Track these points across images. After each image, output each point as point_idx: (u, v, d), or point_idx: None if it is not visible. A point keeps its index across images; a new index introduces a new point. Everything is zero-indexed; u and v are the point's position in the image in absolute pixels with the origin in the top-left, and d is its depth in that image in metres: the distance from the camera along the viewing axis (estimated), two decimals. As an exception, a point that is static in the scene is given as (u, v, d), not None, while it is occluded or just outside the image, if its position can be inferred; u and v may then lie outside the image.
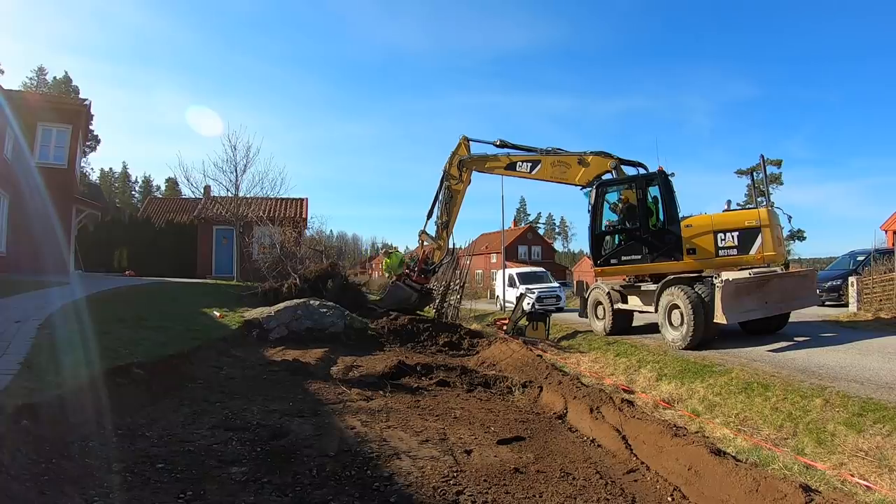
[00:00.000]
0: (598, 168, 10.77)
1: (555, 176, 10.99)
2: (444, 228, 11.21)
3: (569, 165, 10.86)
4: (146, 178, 74.34)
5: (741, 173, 47.62)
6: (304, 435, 4.12)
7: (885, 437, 4.56)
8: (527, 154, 11.26)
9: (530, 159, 11.10)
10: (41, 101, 19.08)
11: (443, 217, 11.20)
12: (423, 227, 11.36)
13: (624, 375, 8.64)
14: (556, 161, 10.95)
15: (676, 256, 9.77)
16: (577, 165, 10.77)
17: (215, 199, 21.43)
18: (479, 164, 11.60)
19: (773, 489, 3.01)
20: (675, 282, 9.41)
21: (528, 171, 11.12)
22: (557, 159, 10.93)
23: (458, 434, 4.45)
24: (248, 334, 9.34)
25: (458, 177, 11.37)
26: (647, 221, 10.07)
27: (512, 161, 11.35)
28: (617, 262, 10.44)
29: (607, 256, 10.56)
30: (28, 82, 48.15)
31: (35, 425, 3.23)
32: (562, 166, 10.90)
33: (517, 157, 11.33)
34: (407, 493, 3.16)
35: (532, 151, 11.24)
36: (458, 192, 11.50)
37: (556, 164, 10.93)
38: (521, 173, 11.22)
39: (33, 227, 15.23)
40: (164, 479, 3.08)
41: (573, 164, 10.81)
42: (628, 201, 10.29)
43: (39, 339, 5.66)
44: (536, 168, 11.06)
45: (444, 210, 11.24)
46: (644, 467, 3.83)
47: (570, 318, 16.85)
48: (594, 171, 10.79)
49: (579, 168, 10.79)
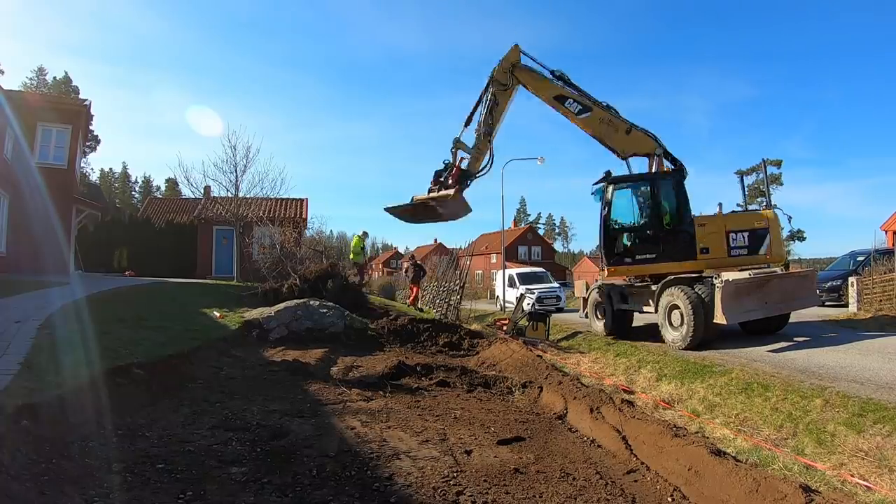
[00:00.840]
0: (638, 145, 10.27)
1: (599, 131, 10.29)
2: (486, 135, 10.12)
3: (616, 129, 10.21)
4: (146, 178, 74.44)
5: (741, 173, 47.62)
6: (304, 435, 4.12)
7: (885, 437, 4.56)
8: (580, 97, 10.39)
9: (582, 103, 10.24)
10: (41, 102, 19.09)
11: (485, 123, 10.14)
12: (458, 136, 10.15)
13: (624, 376, 8.65)
14: (606, 118, 10.22)
15: (690, 256, 9.67)
16: (624, 133, 10.18)
17: (215, 199, 21.42)
18: (529, 77, 10.53)
19: (773, 489, 3.01)
20: (676, 282, 9.40)
21: (575, 113, 10.26)
22: (609, 117, 10.22)
23: (458, 434, 4.45)
24: (248, 334, 9.34)
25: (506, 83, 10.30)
26: (661, 220, 9.85)
27: (563, 95, 10.36)
28: (631, 262, 10.13)
29: (621, 255, 10.21)
30: (28, 82, 48.18)
31: (35, 425, 3.23)
32: (610, 126, 10.21)
33: (570, 93, 10.40)
34: (407, 494, 3.16)
35: (586, 96, 10.42)
36: (505, 100, 10.44)
37: (604, 121, 10.22)
38: (567, 111, 10.35)
39: (33, 228, 15.23)
40: (164, 479, 3.08)
41: (621, 130, 10.19)
42: (644, 198, 10.09)
43: (39, 339, 5.66)
44: (585, 115, 10.22)
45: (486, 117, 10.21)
46: (644, 467, 3.83)
47: (570, 318, 16.85)
48: (635, 146, 10.26)
49: (625, 137, 10.19)
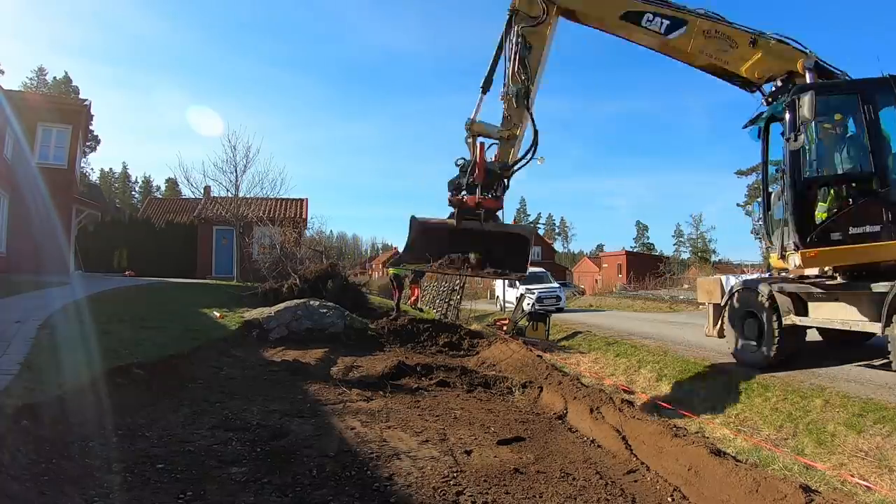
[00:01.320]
0: (777, 62, 6.77)
1: (708, 52, 6.83)
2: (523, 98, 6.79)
3: (734, 43, 6.78)
4: (146, 178, 74.37)
5: (741, 174, 47.60)
6: (304, 435, 4.12)
7: (885, 437, 4.56)
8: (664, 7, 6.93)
9: (670, 14, 6.83)
10: (41, 101, 19.12)
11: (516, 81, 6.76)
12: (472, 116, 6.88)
13: (624, 376, 8.65)
14: (714, 30, 6.80)
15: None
16: (747, 47, 6.74)
17: (215, 199, 21.44)
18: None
19: (773, 489, 3.01)
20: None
21: (663, 33, 6.85)
22: (716, 28, 6.80)
23: (458, 434, 4.45)
24: (248, 334, 9.33)
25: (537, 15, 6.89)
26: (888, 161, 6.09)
27: (637, 9, 6.89)
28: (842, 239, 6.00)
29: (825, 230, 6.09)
30: (28, 82, 48.12)
31: (35, 425, 3.23)
32: (722, 40, 6.81)
33: (646, 6, 6.90)
34: (407, 494, 3.16)
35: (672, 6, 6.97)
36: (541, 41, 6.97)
37: (712, 36, 6.80)
38: (647, 34, 6.92)
39: (33, 228, 15.23)
40: (164, 479, 3.08)
41: (742, 44, 6.75)
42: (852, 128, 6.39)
43: (39, 339, 5.66)
44: (679, 31, 6.83)
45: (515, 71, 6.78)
46: (644, 468, 3.83)
47: (570, 318, 16.87)
48: (768, 63, 6.79)
49: (750, 52, 6.73)
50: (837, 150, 6.51)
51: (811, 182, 6.31)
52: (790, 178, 6.29)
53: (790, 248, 6.32)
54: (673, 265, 47.26)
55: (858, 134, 6.26)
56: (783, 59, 6.79)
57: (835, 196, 6.18)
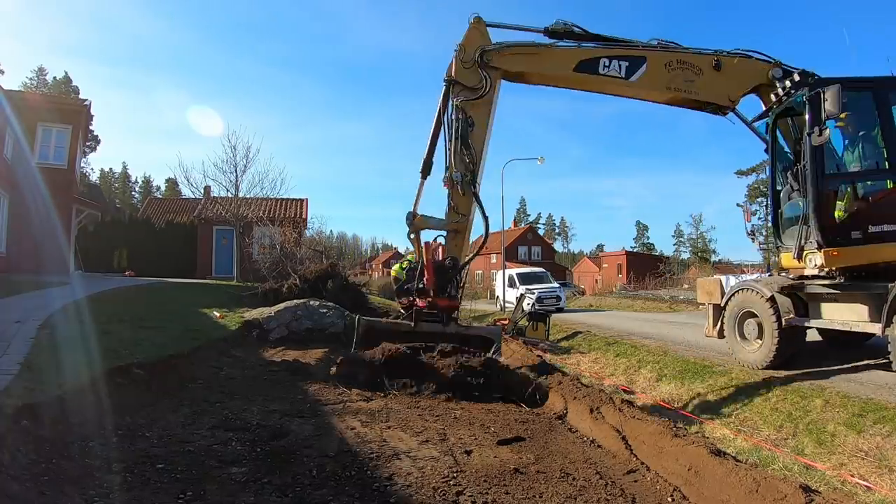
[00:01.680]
0: (746, 77, 6.79)
1: (674, 86, 6.63)
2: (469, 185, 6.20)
3: (699, 70, 6.64)
4: (146, 178, 74.40)
5: (741, 174, 47.61)
6: (304, 435, 4.12)
7: (885, 437, 4.56)
8: (616, 48, 6.66)
9: (624, 55, 6.53)
10: (41, 101, 19.13)
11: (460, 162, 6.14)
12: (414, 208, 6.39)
13: (624, 376, 8.65)
14: (674, 62, 6.59)
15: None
16: (712, 72, 6.65)
17: (215, 199, 21.45)
18: (520, 58, 6.61)
19: (773, 489, 3.01)
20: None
21: (624, 77, 6.55)
22: (677, 59, 6.61)
23: (458, 434, 4.45)
24: (248, 334, 9.34)
25: (479, 86, 6.34)
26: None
27: (590, 57, 6.55)
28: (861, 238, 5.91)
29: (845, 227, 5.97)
30: (28, 82, 48.16)
31: (35, 425, 3.23)
32: (687, 70, 6.63)
33: (598, 51, 6.59)
34: (407, 494, 3.16)
35: (625, 45, 6.74)
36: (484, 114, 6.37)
37: (674, 67, 6.59)
38: (609, 80, 6.59)
39: (33, 228, 15.24)
40: (164, 479, 3.08)
41: (706, 70, 6.64)
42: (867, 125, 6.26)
43: (39, 339, 5.66)
44: (640, 72, 6.56)
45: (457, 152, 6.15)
46: (644, 468, 3.83)
47: (570, 318, 16.87)
48: (741, 82, 6.81)
49: (716, 76, 6.65)
50: (852, 147, 6.38)
51: (832, 179, 6.12)
52: (812, 174, 6.00)
53: (811, 247, 6.10)
54: (673, 265, 47.32)
55: (875, 131, 6.16)
56: (751, 75, 6.78)
57: (852, 194, 5.99)
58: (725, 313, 7.75)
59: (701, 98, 6.81)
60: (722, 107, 6.91)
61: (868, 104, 6.13)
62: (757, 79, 6.75)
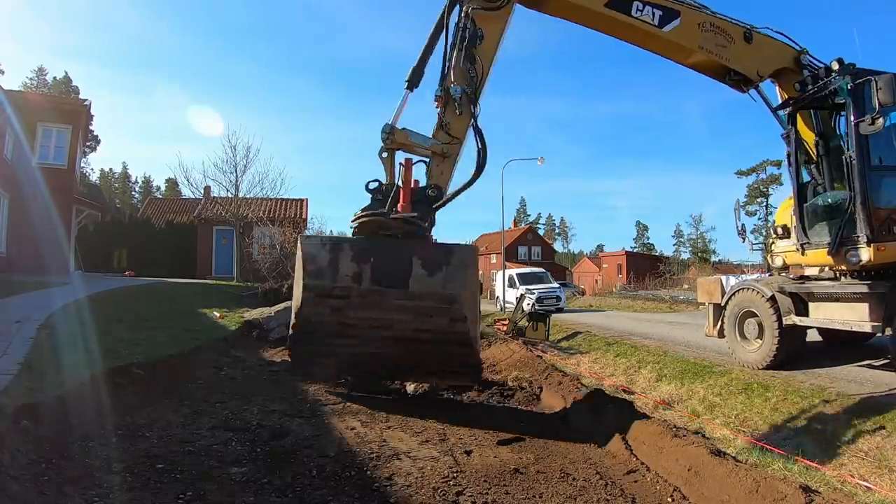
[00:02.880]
0: (773, 57, 6.64)
1: (707, 46, 6.32)
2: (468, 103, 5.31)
3: (730, 38, 6.42)
4: (146, 178, 74.38)
5: (741, 174, 47.62)
6: (304, 435, 4.12)
7: (885, 437, 4.56)
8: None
9: (661, 4, 6.08)
10: (41, 101, 19.14)
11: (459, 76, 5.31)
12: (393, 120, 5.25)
13: (624, 376, 8.65)
14: (707, 24, 6.33)
15: None
16: (742, 42, 6.45)
17: (215, 199, 21.47)
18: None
19: (773, 490, 3.01)
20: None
21: (658, 25, 6.09)
22: (711, 21, 6.35)
23: (458, 434, 4.45)
24: (248, 334, 9.34)
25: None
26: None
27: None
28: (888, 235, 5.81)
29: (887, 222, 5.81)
30: (28, 82, 48.17)
31: (35, 425, 3.23)
32: (718, 35, 6.37)
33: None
34: (407, 494, 3.16)
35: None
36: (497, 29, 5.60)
37: (707, 29, 6.33)
38: (641, 25, 6.03)
39: (34, 228, 15.23)
40: (164, 479, 3.08)
41: (737, 39, 6.44)
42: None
43: (39, 339, 5.67)
44: (673, 24, 6.15)
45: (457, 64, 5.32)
46: (644, 468, 3.83)
47: (570, 318, 16.87)
48: (767, 60, 6.62)
49: (746, 47, 6.46)
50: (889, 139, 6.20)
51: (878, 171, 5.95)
52: (860, 166, 5.86)
53: (861, 241, 5.86)
54: (673, 265, 47.32)
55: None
56: (777, 57, 6.62)
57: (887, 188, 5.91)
58: (725, 313, 7.74)
59: (731, 65, 6.47)
60: (747, 81, 6.62)
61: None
62: (782, 62, 6.60)
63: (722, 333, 7.83)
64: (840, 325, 6.24)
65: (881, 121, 5.67)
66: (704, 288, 8.59)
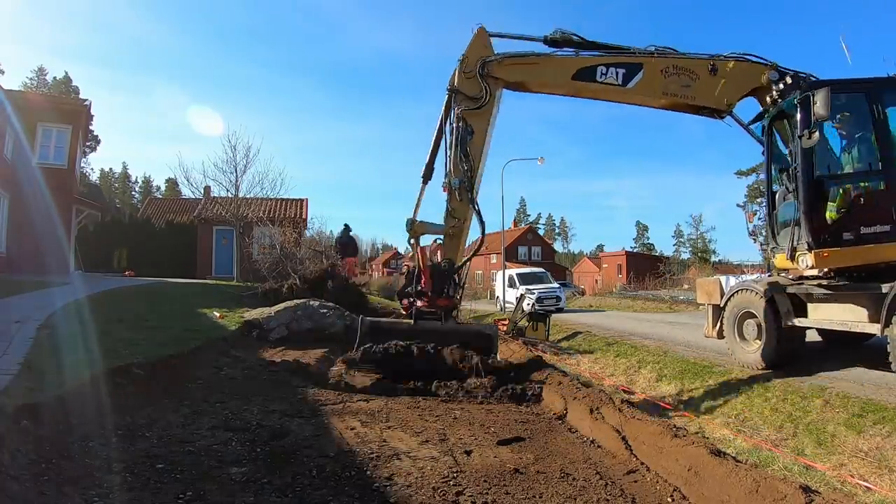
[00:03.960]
0: (743, 80, 6.88)
1: (670, 91, 6.77)
2: (467, 191, 6.53)
3: (695, 76, 6.78)
4: (146, 178, 74.45)
5: (741, 174, 47.61)
6: (304, 435, 4.12)
7: (885, 437, 4.56)
8: (613, 56, 6.83)
9: (621, 62, 6.68)
10: (41, 101, 19.14)
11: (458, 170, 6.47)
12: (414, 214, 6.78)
13: (624, 376, 8.65)
14: (670, 67, 6.73)
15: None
16: (708, 76, 6.80)
17: (215, 199, 21.46)
18: (520, 67, 6.81)
19: (773, 490, 3.01)
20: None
21: (621, 84, 6.70)
22: (673, 64, 6.75)
23: (458, 434, 4.45)
24: (248, 335, 9.33)
25: (479, 95, 6.59)
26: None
27: (588, 65, 6.76)
28: (853, 240, 5.95)
29: (835, 229, 5.99)
30: (28, 82, 48.21)
31: (35, 425, 3.23)
32: (683, 75, 6.77)
33: (595, 59, 6.78)
34: (407, 494, 3.16)
35: (622, 52, 6.89)
36: (483, 123, 6.65)
37: (670, 73, 6.73)
38: (606, 87, 6.74)
39: (34, 227, 15.24)
40: (164, 479, 3.08)
41: (702, 74, 6.78)
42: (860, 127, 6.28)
43: (39, 338, 5.66)
44: (636, 78, 6.71)
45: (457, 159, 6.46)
46: (644, 468, 3.83)
47: (570, 318, 16.87)
48: (737, 85, 6.89)
49: (713, 80, 6.77)
50: (847, 148, 6.42)
51: (823, 181, 6.11)
52: (803, 176, 6.07)
53: (803, 248, 6.13)
54: (673, 265, 47.34)
55: (868, 133, 6.14)
56: (747, 79, 6.84)
57: (844, 196, 6.01)
58: (725, 314, 7.78)
59: (697, 103, 6.91)
60: (718, 111, 6.99)
61: (862, 106, 6.13)
62: (753, 82, 6.82)
63: (721, 334, 7.88)
64: (839, 325, 6.25)
65: (816, 135, 5.84)
66: (703, 289, 8.67)
